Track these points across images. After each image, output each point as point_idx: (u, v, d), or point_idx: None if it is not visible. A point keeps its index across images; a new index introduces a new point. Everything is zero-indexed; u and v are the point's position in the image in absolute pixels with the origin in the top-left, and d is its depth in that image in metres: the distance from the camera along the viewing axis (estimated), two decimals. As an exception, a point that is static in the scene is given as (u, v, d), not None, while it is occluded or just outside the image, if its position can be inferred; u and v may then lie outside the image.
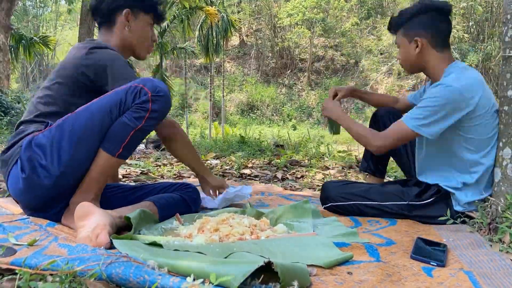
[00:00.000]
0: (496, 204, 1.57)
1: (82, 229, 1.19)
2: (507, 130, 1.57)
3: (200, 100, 25.19)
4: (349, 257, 1.18)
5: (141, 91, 1.36)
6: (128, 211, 1.39)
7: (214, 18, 14.20)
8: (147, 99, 1.35)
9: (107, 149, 1.36)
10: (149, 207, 1.49)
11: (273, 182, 2.95)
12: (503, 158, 1.58)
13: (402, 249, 1.33)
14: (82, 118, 1.35)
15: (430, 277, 1.09)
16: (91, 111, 1.35)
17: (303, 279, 0.96)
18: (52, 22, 30.85)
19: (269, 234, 1.38)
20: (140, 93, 1.36)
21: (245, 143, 5.11)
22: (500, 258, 1.23)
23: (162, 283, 0.89)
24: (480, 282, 1.04)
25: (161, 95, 1.37)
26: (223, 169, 3.39)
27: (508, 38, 1.57)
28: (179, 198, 1.65)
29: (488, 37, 21.88)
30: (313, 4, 24.19)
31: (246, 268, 0.90)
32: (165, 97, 1.39)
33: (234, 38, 27.01)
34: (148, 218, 1.42)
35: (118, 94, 1.36)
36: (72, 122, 1.34)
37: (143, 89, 1.36)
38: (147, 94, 1.35)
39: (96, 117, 1.34)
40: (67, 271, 0.88)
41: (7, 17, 5.08)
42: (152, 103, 1.36)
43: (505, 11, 1.61)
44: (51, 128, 1.36)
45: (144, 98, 1.35)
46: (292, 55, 27.15)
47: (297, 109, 24.56)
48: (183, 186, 1.76)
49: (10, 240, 1.10)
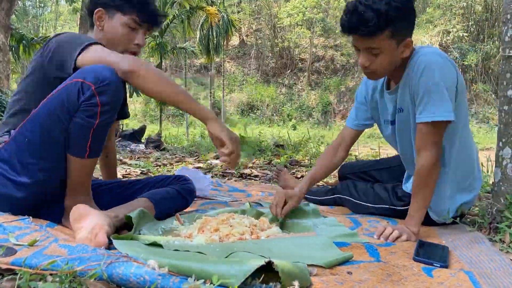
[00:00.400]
0: (496, 204, 1.57)
1: (79, 231, 1.19)
2: (507, 130, 1.57)
3: (200, 100, 25.20)
4: (349, 257, 1.18)
5: (83, 87, 1.24)
6: (124, 209, 1.37)
7: (214, 18, 14.22)
8: (92, 93, 1.24)
9: (75, 154, 1.31)
10: (145, 203, 1.46)
11: (273, 182, 2.95)
12: (503, 158, 1.58)
13: (402, 249, 1.33)
14: (36, 131, 1.29)
15: (430, 277, 1.09)
16: (40, 123, 1.29)
17: (303, 279, 0.96)
18: (52, 22, 30.86)
19: (269, 234, 1.38)
20: (83, 88, 1.24)
21: (245, 143, 5.11)
22: (500, 258, 1.23)
23: (162, 283, 0.89)
24: (480, 282, 1.04)
25: (106, 84, 1.25)
26: (223, 169, 3.39)
27: (508, 38, 1.57)
28: (175, 192, 1.61)
29: (487, 37, 21.89)
30: (313, 4, 24.20)
31: (246, 267, 0.90)
32: (111, 84, 1.26)
33: (234, 38, 27.00)
34: (147, 217, 1.41)
35: (60, 95, 1.27)
36: (27, 135, 1.29)
37: (85, 84, 1.24)
38: (90, 88, 1.24)
39: (48, 127, 1.28)
40: (67, 271, 0.88)
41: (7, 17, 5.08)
42: (99, 96, 1.24)
43: (505, 11, 1.61)
44: (10, 142, 1.32)
45: (88, 94, 1.24)
46: (292, 55, 27.15)
47: (297, 109, 24.57)
48: (178, 179, 1.71)
49: (11, 240, 1.10)
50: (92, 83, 1.23)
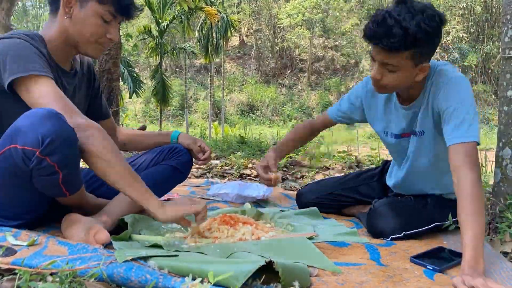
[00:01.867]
0: (496, 204, 1.57)
1: (73, 236, 1.18)
2: (507, 130, 1.57)
3: (200, 100, 25.19)
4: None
5: (25, 154, 1.04)
6: (117, 208, 1.34)
7: (214, 19, 14.21)
8: (40, 158, 1.05)
9: (56, 196, 1.23)
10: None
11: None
12: (503, 158, 1.58)
13: (402, 249, 1.33)
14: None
15: (431, 280, 1.08)
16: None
17: (304, 279, 0.96)
18: (52, 22, 30.81)
19: (270, 235, 1.38)
20: (26, 155, 1.05)
21: (245, 143, 5.11)
22: (500, 260, 1.23)
23: (163, 282, 0.89)
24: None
25: (50, 143, 1.03)
26: (223, 169, 3.39)
27: (508, 38, 1.57)
28: (169, 169, 1.52)
29: (487, 38, 21.90)
30: (312, 4, 24.21)
31: (247, 268, 0.90)
32: (57, 139, 1.04)
33: (234, 39, 27.01)
34: (144, 220, 1.40)
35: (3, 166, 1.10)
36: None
37: (26, 150, 1.04)
38: (34, 153, 1.04)
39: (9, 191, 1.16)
40: (67, 271, 0.88)
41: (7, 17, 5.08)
42: (49, 157, 1.05)
43: (505, 11, 1.61)
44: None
45: (36, 161, 1.05)
46: (292, 56, 27.16)
47: (297, 109, 24.57)
48: (172, 151, 1.57)
49: (8, 239, 1.09)
50: (34, 147, 1.04)
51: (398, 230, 1.49)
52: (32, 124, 1.04)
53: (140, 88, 14.48)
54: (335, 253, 1.27)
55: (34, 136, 1.03)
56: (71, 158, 1.11)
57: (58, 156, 1.06)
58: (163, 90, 15.35)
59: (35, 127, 1.04)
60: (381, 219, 1.52)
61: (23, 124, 1.06)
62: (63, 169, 1.10)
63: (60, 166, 1.09)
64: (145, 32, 15.31)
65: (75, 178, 1.19)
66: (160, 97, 15.37)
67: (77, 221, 1.22)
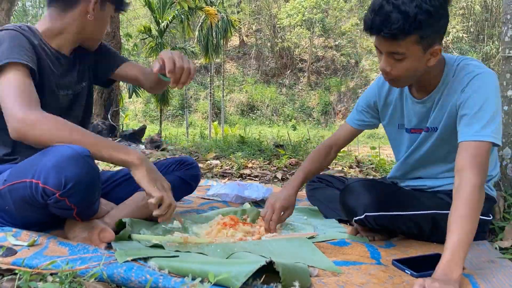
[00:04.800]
0: (496, 203, 1.57)
1: (75, 237, 1.19)
2: (507, 130, 1.57)
3: (200, 100, 25.20)
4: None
5: (45, 192, 1.05)
6: (121, 212, 1.36)
7: (214, 19, 14.23)
8: (58, 199, 1.05)
9: (67, 217, 1.23)
10: (144, 200, 1.35)
11: (273, 182, 2.95)
12: (503, 158, 1.58)
13: (402, 249, 1.33)
14: (12, 211, 1.18)
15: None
16: (13, 205, 1.16)
17: (304, 280, 0.96)
18: (52, 22, 30.84)
19: (270, 235, 1.38)
20: (45, 193, 1.05)
21: (245, 143, 5.12)
22: (500, 259, 1.23)
23: (163, 283, 0.89)
24: (480, 285, 1.04)
25: (71, 187, 1.04)
26: (223, 169, 3.39)
27: (508, 38, 1.58)
28: (178, 180, 1.55)
29: (487, 37, 21.90)
30: (312, 4, 24.22)
31: (247, 268, 0.90)
32: (77, 185, 1.04)
33: (234, 39, 27.02)
34: (141, 223, 1.39)
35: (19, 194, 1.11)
36: (6, 204, 1.17)
37: (47, 189, 1.04)
38: (54, 194, 1.04)
39: (22, 212, 1.17)
40: (67, 271, 0.88)
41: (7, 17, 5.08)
42: (68, 199, 1.06)
43: (505, 11, 1.61)
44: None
45: (54, 199, 1.05)
46: (292, 55, 27.17)
47: (297, 109, 24.59)
48: (181, 163, 1.61)
49: (9, 239, 1.10)
50: (55, 189, 1.04)
51: (370, 208, 1.33)
52: (57, 163, 1.03)
53: (140, 88, 14.48)
54: (336, 252, 1.27)
55: (57, 178, 1.03)
56: (89, 199, 1.13)
57: (77, 198, 1.08)
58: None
59: (59, 169, 1.03)
60: (352, 195, 1.39)
61: (47, 160, 1.05)
62: (79, 207, 1.12)
63: (77, 205, 1.11)
64: (145, 32, 15.32)
65: (90, 211, 1.21)
66: (160, 97, 15.38)
67: (80, 222, 1.23)
